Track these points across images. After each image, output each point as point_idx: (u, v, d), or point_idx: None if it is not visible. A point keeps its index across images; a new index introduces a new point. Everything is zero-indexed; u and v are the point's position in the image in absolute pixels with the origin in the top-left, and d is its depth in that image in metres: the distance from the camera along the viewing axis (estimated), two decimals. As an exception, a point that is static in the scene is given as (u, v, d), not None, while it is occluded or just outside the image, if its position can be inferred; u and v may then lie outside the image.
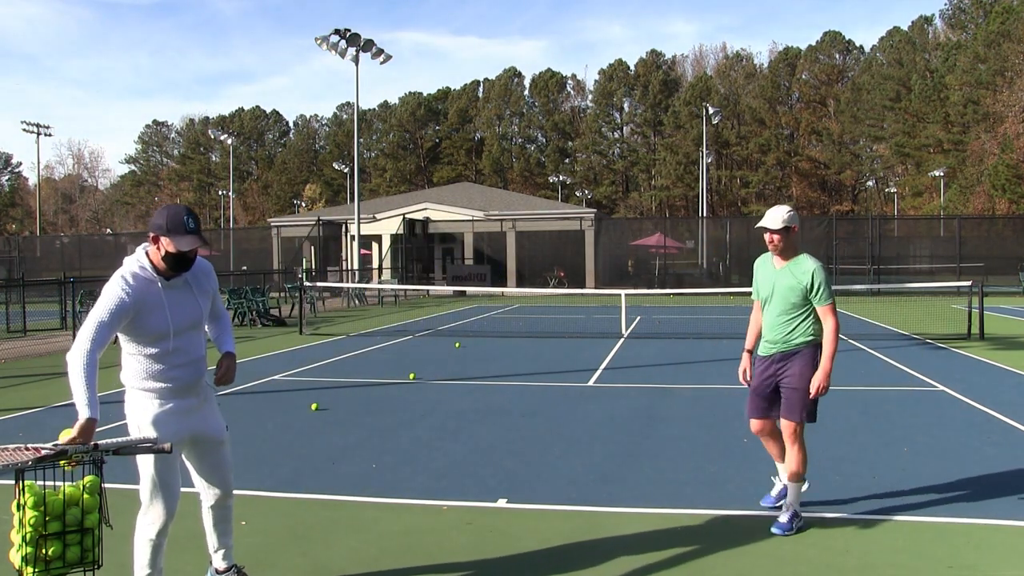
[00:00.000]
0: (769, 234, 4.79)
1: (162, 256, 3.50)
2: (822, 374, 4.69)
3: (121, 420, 8.58)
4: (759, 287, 4.99)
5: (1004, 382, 10.25)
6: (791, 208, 4.87)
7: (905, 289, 27.75)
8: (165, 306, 3.54)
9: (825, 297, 4.73)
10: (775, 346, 4.86)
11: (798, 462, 4.81)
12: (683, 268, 41.07)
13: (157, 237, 3.49)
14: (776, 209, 4.82)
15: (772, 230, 4.75)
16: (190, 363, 3.67)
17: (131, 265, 3.56)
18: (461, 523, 4.99)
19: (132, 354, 3.60)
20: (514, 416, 8.33)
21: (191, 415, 3.70)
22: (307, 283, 20.54)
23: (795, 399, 4.75)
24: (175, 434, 3.62)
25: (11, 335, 17.58)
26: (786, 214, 4.77)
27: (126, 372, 3.62)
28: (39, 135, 55.21)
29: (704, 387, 10.02)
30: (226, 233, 50.00)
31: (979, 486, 5.59)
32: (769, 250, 4.89)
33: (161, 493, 3.58)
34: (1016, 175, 49.15)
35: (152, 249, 3.55)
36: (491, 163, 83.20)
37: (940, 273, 34.57)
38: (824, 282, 4.73)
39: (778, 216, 4.76)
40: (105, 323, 3.43)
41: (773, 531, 4.70)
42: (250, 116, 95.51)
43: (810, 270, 4.74)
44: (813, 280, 4.72)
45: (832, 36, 77.61)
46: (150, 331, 3.52)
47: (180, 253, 3.48)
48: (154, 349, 3.57)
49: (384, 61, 32.27)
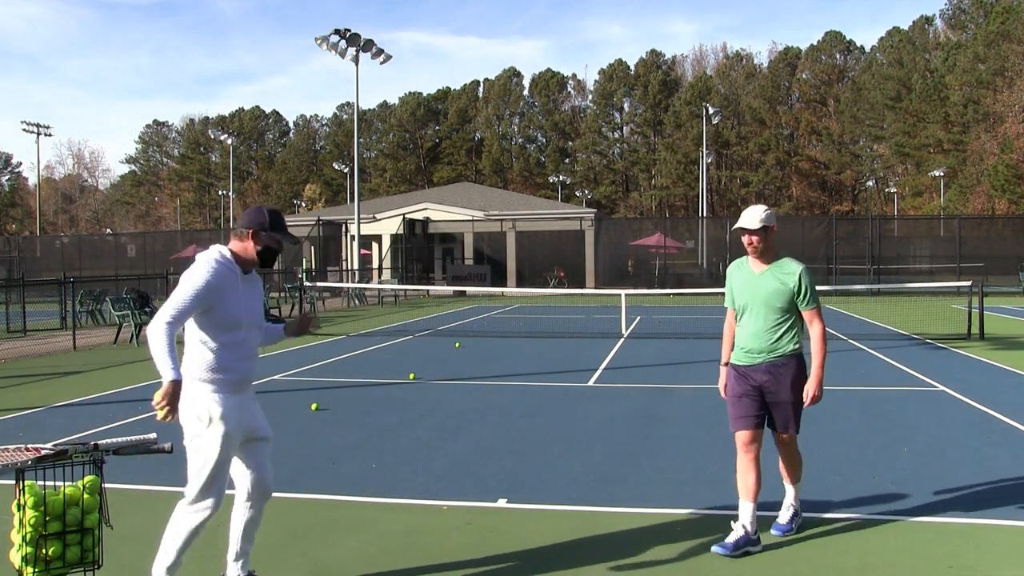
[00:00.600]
0: (748, 236, 4.50)
1: (259, 250, 3.74)
2: (815, 381, 4.50)
3: (121, 420, 8.53)
4: (734, 294, 4.66)
5: (1004, 382, 10.25)
6: (768, 208, 4.64)
7: (905, 289, 27.74)
8: (241, 297, 3.72)
9: (812, 300, 4.52)
10: (760, 356, 4.53)
11: (798, 464, 4.79)
12: (683, 268, 41.06)
13: (254, 232, 3.72)
14: (753, 209, 4.55)
15: (750, 231, 4.47)
16: (251, 357, 3.82)
17: (214, 254, 3.71)
18: (461, 523, 4.99)
19: (202, 343, 3.66)
20: (514, 416, 8.33)
21: (246, 410, 3.79)
22: (307, 283, 20.53)
23: (790, 412, 4.56)
24: (237, 428, 3.70)
25: (11, 335, 17.58)
26: (763, 213, 4.52)
27: (193, 363, 3.66)
28: (39, 135, 55.20)
29: (704, 387, 10.01)
30: (226, 233, 49.97)
31: (979, 486, 5.59)
32: (748, 252, 4.58)
33: (215, 486, 3.66)
34: (1016, 175, 49.15)
35: (242, 244, 3.75)
36: (491, 163, 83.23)
37: (940, 273, 34.56)
38: (811, 284, 4.54)
39: (755, 216, 4.49)
40: (188, 301, 3.55)
41: (773, 532, 4.68)
42: (250, 116, 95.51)
43: (796, 272, 4.52)
44: (800, 282, 4.50)
45: (833, 36, 77.65)
46: (226, 319, 3.66)
47: (272, 248, 3.76)
48: (225, 338, 3.66)
49: (384, 61, 32.29)
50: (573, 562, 4.35)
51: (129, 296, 16.95)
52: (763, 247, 4.54)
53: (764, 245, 4.53)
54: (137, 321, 15.87)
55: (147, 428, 7.51)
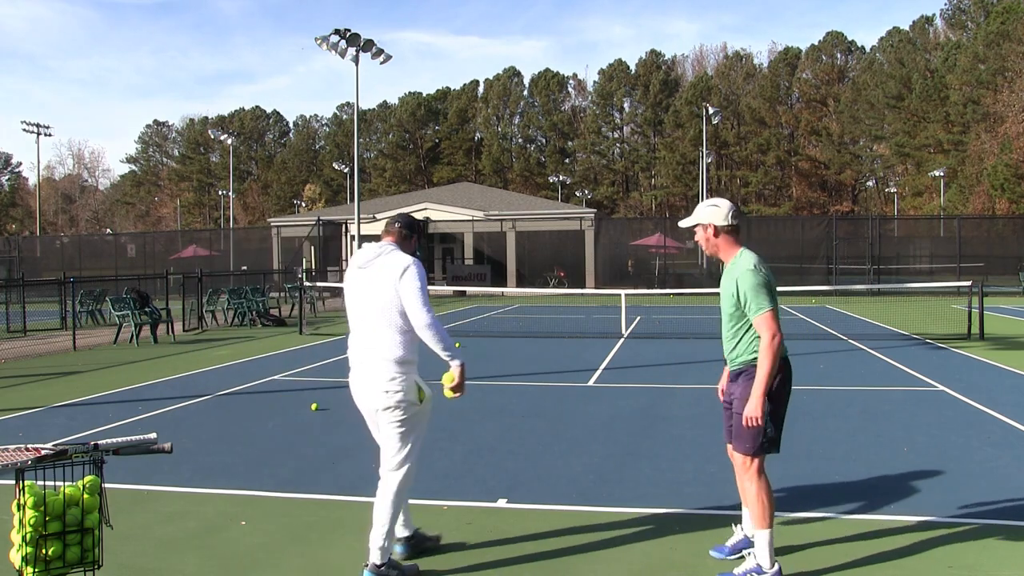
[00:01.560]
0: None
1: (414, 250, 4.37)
2: (754, 401, 3.86)
3: (121, 421, 8.53)
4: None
5: (1004, 382, 10.25)
6: (718, 201, 4.12)
7: (905, 289, 27.75)
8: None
9: (754, 306, 3.88)
10: (728, 364, 4.18)
11: (755, 501, 3.98)
12: (683, 268, 41.04)
13: (413, 237, 4.37)
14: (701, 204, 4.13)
15: (682, 228, 4.15)
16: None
17: (411, 257, 4.22)
18: (461, 523, 4.99)
19: (407, 331, 4.11)
20: (514, 416, 8.33)
21: None
22: (307, 283, 20.53)
23: (740, 428, 3.98)
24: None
25: (11, 335, 17.58)
26: (701, 209, 4.08)
27: (401, 347, 4.08)
28: (39, 135, 55.16)
29: (704, 387, 10.01)
30: (226, 233, 49.94)
31: (979, 486, 5.59)
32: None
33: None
34: (1016, 175, 49.13)
35: (412, 246, 4.36)
36: (491, 163, 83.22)
37: (940, 273, 34.55)
38: (754, 287, 3.88)
39: (696, 211, 4.10)
40: (427, 295, 4.14)
41: (711, 552, 4.35)
42: (250, 116, 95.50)
43: (738, 273, 3.95)
44: (738, 287, 3.93)
45: (834, 36, 77.61)
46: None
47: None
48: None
49: (384, 61, 32.24)
50: (573, 562, 4.34)
51: (129, 296, 16.95)
52: (709, 246, 4.08)
53: (709, 244, 4.07)
54: (137, 321, 15.87)
55: (147, 428, 7.51)
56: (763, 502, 3.96)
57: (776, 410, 3.97)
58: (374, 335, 4.09)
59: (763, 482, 4.00)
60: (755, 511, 3.99)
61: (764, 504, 3.96)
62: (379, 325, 4.08)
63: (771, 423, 3.95)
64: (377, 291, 4.09)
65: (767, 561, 3.94)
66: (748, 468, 4.01)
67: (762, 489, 3.98)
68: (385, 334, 4.08)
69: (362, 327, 4.16)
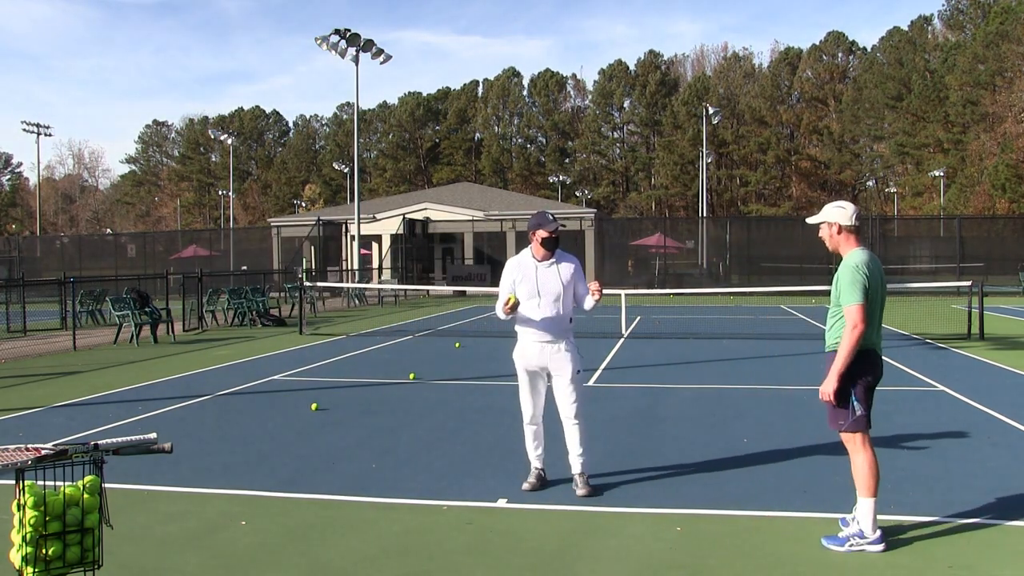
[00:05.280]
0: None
1: (540, 242, 5.48)
2: (828, 380, 4.38)
3: (121, 421, 8.55)
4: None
5: (1004, 382, 10.25)
6: (844, 203, 4.57)
7: (905, 289, 27.76)
8: (535, 279, 5.49)
9: (845, 298, 4.38)
10: (826, 348, 4.61)
11: (859, 472, 4.42)
12: (683, 268, 41.06)
13: (533, 231, 5.48)
14: (829, 204, 4.62)
15: (809, 224, 4.63)
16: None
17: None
18: (461, 523, 4.98)
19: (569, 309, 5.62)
20: (514, 416, 8.31)
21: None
22: (307, 283, 20.53)
23: (828, 405, 4.47)
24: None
25: (11, 335, 17.58)
26: (832, 208, 4.52)
27: (568, 319, 5.71)
28: (39, 135, 55.18)
29: (704, 387, 10.02)
30: (226, 233, 50.00)
31: (979, 486, 5.59)
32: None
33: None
34: (1016, 175, 49.16)
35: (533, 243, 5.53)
36: (491, 163, 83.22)
37: (940, 273, 34.56)
38: (850, 282, 4.36)
39: (824, 209, 4.57)
40: (503, 285, 5.67)
41: (823, 541, 4.52)
42: (250, 116, 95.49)
43: (843, 267, 4.43)
44: (840, 279, 4.44)
45: (836, 36, 77.60)
46: (526, 294, 5.56)
47: (547, 237, 5.44)
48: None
49: (384, 61, 32.27)
50: (573, 562, 4.34)
51: (129, 296, 16.94)
52: (832, 242, 4.54)
53: (832, 240, 4.53)
54: (137, 321, 15.87)
55: (147, 428, 7.51)
56: (868, 473, 4.39)
57: (860, 392, 4.39)
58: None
59: (867, 455, 4.40)
60: (860, 481, 4.42)
61: (868, 475, 4.39)
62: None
63: (857, 402, 4.37)
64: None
65: (870, 527, 4.37)
66: (851, 443, 4.45)
67: (866, 461, 4.40)
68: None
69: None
